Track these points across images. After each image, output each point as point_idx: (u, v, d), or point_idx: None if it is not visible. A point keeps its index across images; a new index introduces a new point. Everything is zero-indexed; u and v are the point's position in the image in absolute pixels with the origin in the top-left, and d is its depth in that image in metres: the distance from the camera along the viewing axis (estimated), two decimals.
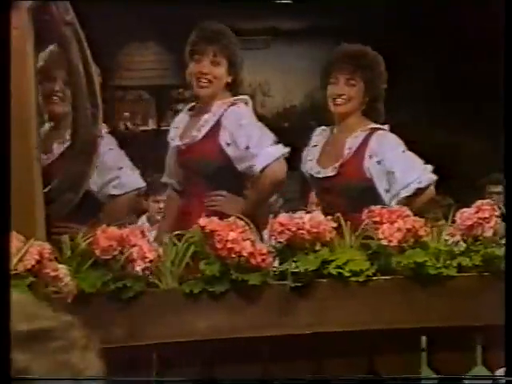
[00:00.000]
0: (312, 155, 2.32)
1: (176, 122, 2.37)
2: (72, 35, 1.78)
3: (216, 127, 2.22)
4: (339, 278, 1.71)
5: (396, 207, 1.84)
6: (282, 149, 2.20)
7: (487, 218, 1.76)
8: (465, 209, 1.84)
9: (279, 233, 1.70)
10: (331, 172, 2.26)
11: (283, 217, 1.72)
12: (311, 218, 1.72)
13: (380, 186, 2.21)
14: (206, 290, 1.67)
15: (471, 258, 1.76)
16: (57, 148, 2.04)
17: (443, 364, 1.74)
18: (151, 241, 1.80)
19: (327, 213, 1.82)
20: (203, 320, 1.69)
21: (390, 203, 2.13)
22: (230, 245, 1.64)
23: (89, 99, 1.81)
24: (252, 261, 1.66)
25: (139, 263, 1.63)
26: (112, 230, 1.71)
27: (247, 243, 1.66)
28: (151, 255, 1.64)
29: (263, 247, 1.67)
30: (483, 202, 1.82)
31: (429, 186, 2.25)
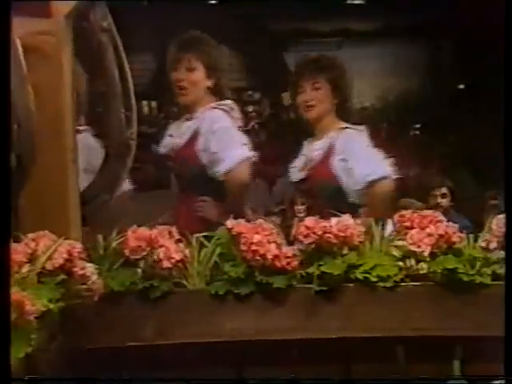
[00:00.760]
0: (297, 164, 2.38)
1: (171, 130, 2.41)
2: (108, 41, 1.83)
3: (195, 133, 2.27)
4: (366, 283, 1.70)
5: (428, 212, 1.81)
6: (247, 152, 2.23)
7: None
8: (502, 215, 1.79)
9: (305, 236, 1.69)
10: (302, 175, 2.33)
11: (309, 220, 1.71)
12: (338, 222, 1.71)
13: (345, 184, 2.25)
14: (232, 292, 1.68)
15: None
16: None
17: (474, 373, 1.70)
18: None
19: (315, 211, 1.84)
20: (229, 321, 1.70)
21: (353, 199, 2.17)
22: (255, 247, 1.64)
23: (123, 103, 1.86)
24: (277, 263, 1.65)
25: (165, 263, 1.66)
26: (142, 231, 1.74)
27: (272, 246, 1.66)
28: (177, 256, 1.66)
29: (289, 250, 1.67)
30: None
31: (383, 179, 2.24)
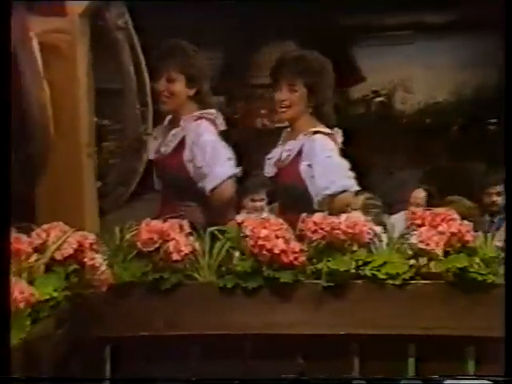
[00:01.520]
0: (272, 155, 2.38)
1: (156, 133, 2.38)
2: (124, 39, 1.88)
3: (182, 143, 2.28)
4: (375, 280, 1.68)
5: (441, 210, 1.77)
6: (232, 169, 2.25)
7: None
8: None
9: (313, 231, 1.69)
10: (272, 173, 2.34)
11: (317, 216, 1.71)
12: (347, 219, 1.70)
13: (311, 190, 2.25)
14: (240, 285, 1.70)
15: None
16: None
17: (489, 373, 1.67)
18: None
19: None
20: (237, 314, 1.72)
21: (315, 206, 2.16)
22: (262, 242, 1.65)
23: (138, 99, 1.90)
24: (284, 259, 1.66)
25: (175, 256, 1.69)
26: (154, 224, 1.78)
27: (280, 241, 1.66)
28: (186, 249, 1.69)
29: (296, 245, 1.67)
30: None
31: (341, 193, 2.25)
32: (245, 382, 1.61)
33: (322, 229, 1.68)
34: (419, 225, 1.70)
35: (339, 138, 2.35)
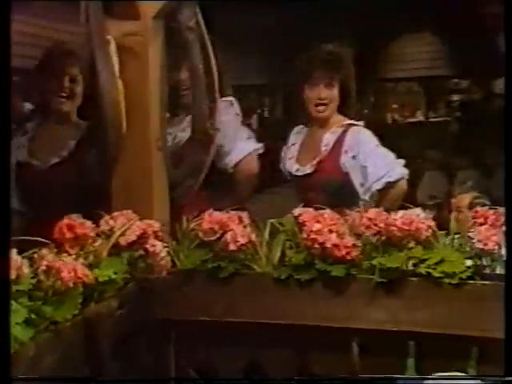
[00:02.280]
0: (291, 154, 2.36)
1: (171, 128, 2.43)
2: (195, 39, 1.97)
3: None
4: (430, 279, 1.66)
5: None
6: (254, 144, 2.27)
7: None
8: None
9: (366, 227, 1.70)
10: (309, 169, 2.32)
11: (372, 211, 1.71)
12: (403, 215, 1.69)
13: (355, 180, 2.25)
14: (293, 277, 1.75)
15: None
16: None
17: None
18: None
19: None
20: (290, 305, 1.76)
21: (364, 196, 2.17)
22: (314, 235, 1.68)
23: (207, 95, 1.99)
24: (336, 253, 1.68)
25: (232, 246, 1.76)
26: (216, 215, 1.87)
27: (333, 235, 1.69)
28: (242, 239, 1.76)
29: (350, 240, 1.69)
30: None
31: (399, 180, 2.27)
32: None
33: (376, 225, 1.69)
34: (480, 224, 1.67)
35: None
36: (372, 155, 2.27)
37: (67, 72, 2.30)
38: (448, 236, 1.74)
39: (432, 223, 1.70)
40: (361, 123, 2.38)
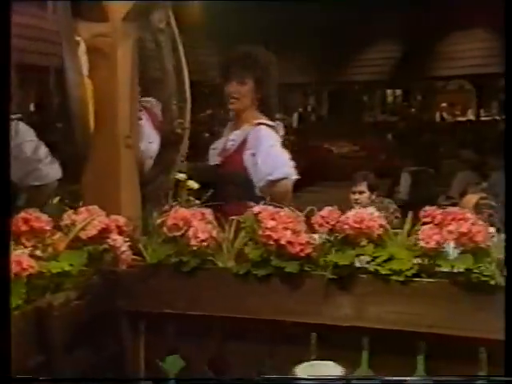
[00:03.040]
0: (215, 145, 2.57)
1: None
2: (165, 40, 2.03)
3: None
4: (379, 276, 1.70)
5: (454, 209, 1.75)
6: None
7: None
8: None
9: (319, 225, 1.75)
10: (217, 161, 2.51)
11: (325, 210, 1.76)
12: (355, 214, 1.74)
13: (253, 177, 2.43)
14: (251, 273, 1.80)
15: None
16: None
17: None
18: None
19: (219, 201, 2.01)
20: (249, 300, 1.82)
21: (257, 192, 2.36)
22: (269, 232, 1.73)
23: (176, 95, 2.05)
24: (290, 249, 1.73)
25: (192, 241, 1.82)
26: (181, 211, 1.93)
27: (287, 232, 1.74)
28: (203, 236, 1.82)
29: (304, 238, 1.73)
30: None
31: (282, 180, 2.44)
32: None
33: (328, 222, 1.73)
34: (426, 223, 1.70)
35: (281, 131, 2.54)
36: (264, 154, 2.45)
37: None
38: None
39: (384, 222, 1.74)
40: (270, 123, 2.53)
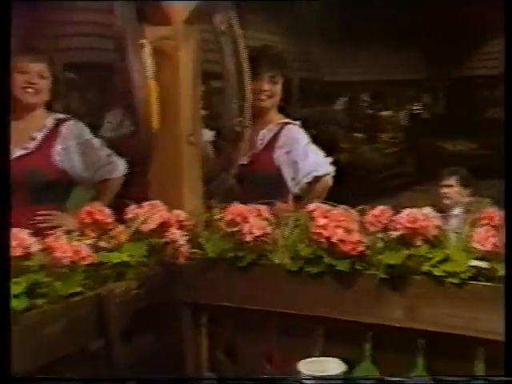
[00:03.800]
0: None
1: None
2: (227, 42, 2.10)
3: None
4: (433, 277, 1.68)
5: None
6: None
7: None
8: None
9: (371, 224, 1.74)
10: (245, 160, 2.46)
11: (378, 209, 1.75)
12: (409, 213, 1.72)
13: (287, 175, 2.51)
14: (304, 270, 1.82)
15: None
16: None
17: None
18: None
19: (243, 200, 1.99)
20: (302, 296, 1.84)
21: (295, 190, 2.43)
22: (320, 230, 1.75)
23: (236, 94, 2.10)
24: (342, 248, 1.74)
25: (248, 237, 1.87)
26: (239, 207, 1.98)
27: (339, 230, 1.75)
28: (257, 232, 1.86)
29: (356, 236, 1.74)
30: None
31: (326, 176, 2.55)
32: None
33: (380, 222, 1.73)
34: (484, 224, 1.66)
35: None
36: (303, 152, 2.51)
37: (33, 68, 2.41)
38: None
39: (439, 222, 1.71)
40: (297, 122, 2.56)
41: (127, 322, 1.67)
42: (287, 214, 1.94)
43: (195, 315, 1.99)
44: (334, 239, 1.74)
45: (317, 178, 2.53)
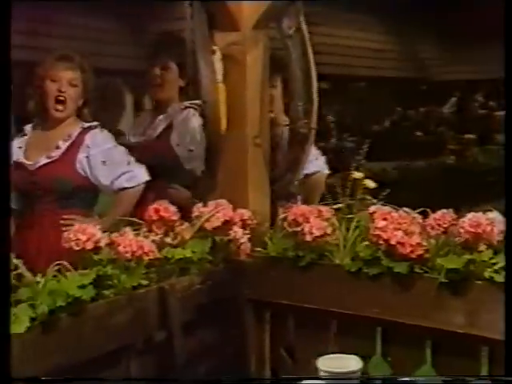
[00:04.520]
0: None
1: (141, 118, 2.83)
2: (294, 46, 2.13)
3: (168, 128, 2.64)
4: (494, 283, 1.65)
5: None
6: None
7: None
8: None
9: (432, 227, 1.73)
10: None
11: (439, 213, 1.73)
12: (472, 217, 1.69)
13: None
14: (363, 271, 1.84)
15: None
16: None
17: None
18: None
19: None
20: (360, 297, 1.86)
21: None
22: (378, 232, 1.76)
23: (303, 97, 2.14)
24: (401, 250, 1.74)
25: (307, 237, 1.91)
26: (301, 207, 2.02)
27: (398, 233, 1.75)
28: (317, 232, 1.89)
29: (415, 239, 1.73)
30: None
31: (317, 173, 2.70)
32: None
33: (440, 225, 1.71)
34: None
35: None
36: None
37: (64, 77, 2.44)
38: None
39: (502, 228, 1.68)
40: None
41: (189, 316, 1.76)
42: (349, 216, 1.97)
43: (258, 312, 2.06)
44: (393, 241, 1.75)
45: (308, 176, 2.68)
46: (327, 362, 1.60)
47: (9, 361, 0.92)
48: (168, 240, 1.77)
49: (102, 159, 2.44)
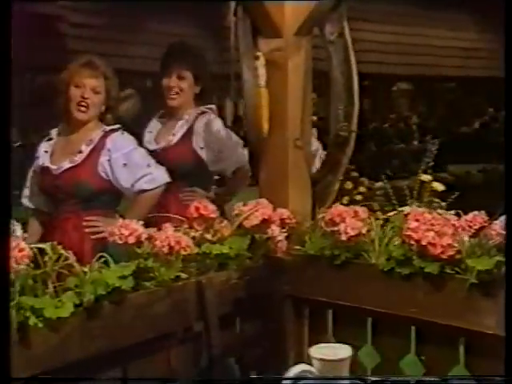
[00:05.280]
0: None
1: (149, 127, 2.89)
2: (335, 51, 2.19)
3: (188, 132, 2.76)
4: None
5: None
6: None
7: None
8: None
9: (463, 229, 1.75)
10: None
11: (470, 214, 1.75)
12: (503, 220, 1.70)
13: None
14: (395, 270, 1.88)
15: None
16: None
17: None
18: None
19: None
20: (392, 296, 1.90)
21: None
22: (410, 232, 1.80)
23: (344, 100, 2.19)
24: (432, 251, 1.77)
25: (343, 237, 1.97)
26: (339, 208, 2.08)
27: (430, 234, 1.78)
28: (352, 232, 1.95)
29: (447, 240, 1.76)
30: None
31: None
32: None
33: (471, 227, 1.73)
34: None
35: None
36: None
37: (88, 84, 2.50)
38: None
39: None
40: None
41: (227, 309, 1.86)
42: (384, 216, 2.01)
43: (297, 308, 2.13)
44: (424, 242, 1.78)
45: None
46: (321, 351, 1.67)
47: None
48: (208, 236, 1.87)
49: (124, 162, 2.49)
